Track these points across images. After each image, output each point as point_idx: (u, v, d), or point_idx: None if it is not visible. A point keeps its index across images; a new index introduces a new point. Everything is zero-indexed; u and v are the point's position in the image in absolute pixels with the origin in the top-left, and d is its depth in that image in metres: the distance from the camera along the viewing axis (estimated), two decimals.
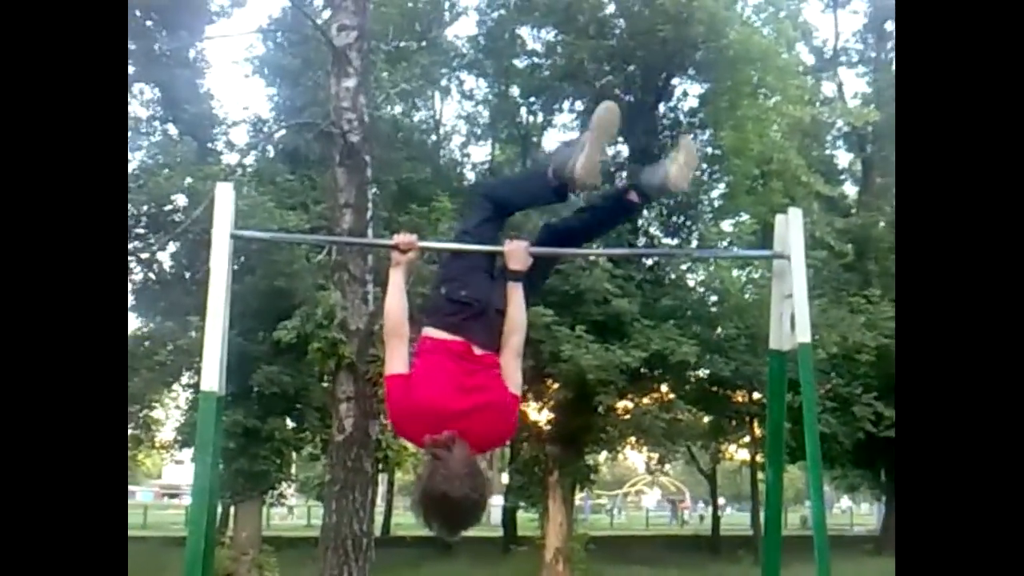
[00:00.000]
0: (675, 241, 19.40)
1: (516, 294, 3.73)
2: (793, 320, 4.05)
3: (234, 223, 3.97)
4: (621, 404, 18.61)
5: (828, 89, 25.77)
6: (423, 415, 3.43)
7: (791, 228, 4.15)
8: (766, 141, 17.85)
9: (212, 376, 3.76)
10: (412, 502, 3.40)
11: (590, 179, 3.93)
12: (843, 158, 28.01)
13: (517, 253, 3.77)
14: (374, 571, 9.06)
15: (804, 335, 4.00)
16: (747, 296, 18.07)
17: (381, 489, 20.47)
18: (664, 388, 19.44)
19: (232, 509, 18.34)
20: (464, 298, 3.73)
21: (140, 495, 62.21)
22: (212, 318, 3.81)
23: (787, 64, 18.93)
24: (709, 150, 19.57)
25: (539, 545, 18.12)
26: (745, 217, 18.42)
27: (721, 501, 37.61)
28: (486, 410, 3.49)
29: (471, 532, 3.66)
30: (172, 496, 60.04)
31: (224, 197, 3.95)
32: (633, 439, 20.66)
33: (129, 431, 22.11)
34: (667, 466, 34.89)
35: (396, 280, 3.73)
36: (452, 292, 3.78)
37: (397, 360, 3.56)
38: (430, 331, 3.70)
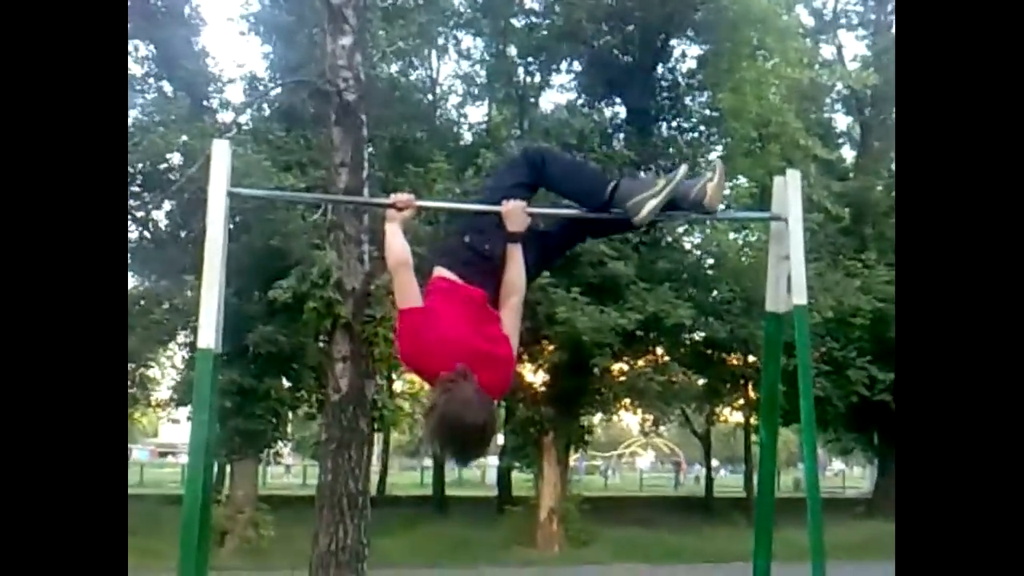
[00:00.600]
0: None
1: (515, 255, 3.71)
2: (789, 282, 4.05)
3: (230, 181, 3.95)
4: (616, 366, 18.69)
5: (827, 52, 25.63)
6: (440, 349, 3.41)
7: (789, 190, 4.14)
8: (765, 103, 17.76)
9: (209, 334, 3.75)
10: (427, 431, 3.41)
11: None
12: (841, 121, 27.93)
13: (515, 214, 3.75)
14: (369, 529, 9.12)
15: (800, 297, 4.00)
16: (743, 259, 18.10)
17: (377, 449, 20.57)
18: (659, 351, 19.53)
19: (228, 468, 18.44)
20: (486, 252, 3.73)
21: (136, 453, 62.47)
22: (208, 275, 3.79)
23: (787, 26, 18.80)
24: (707, 112, 19.50)
25: (533, 505, 18.27)
26: (742, 180, 18.38)
27: (715, 463, 37.83)
28: (493, 362, 3.49)
29: (466, 492, 3.70)
30: (168, 455, 60.26)
31: (220, 154, 3.92)
32: (628, 401, 20.76)
33: None
34: (661, 428, 35.09)
35: (393, 229, 3.72)
36: (476, 243, 3.77)
37: (411, 293, 3.54)
38: (445, 272, 3.71)
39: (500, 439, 26.43)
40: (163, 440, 64.06)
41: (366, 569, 8.99)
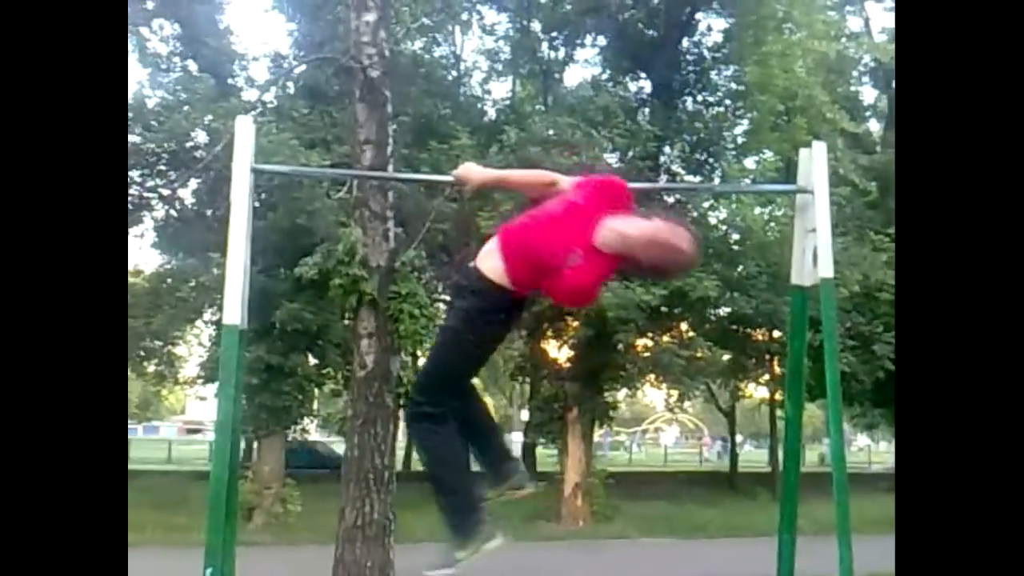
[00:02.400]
0: (697, 178, 19.26)
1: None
2: (816, 255, 4.03)
3: (254, 157, 3.96)
4: (641, 342, 18.66)
5: (855, 24, 25.31)
6: None
7: (815, 162, 4.11)
8: (791, 77, 17.60)
9: (234, 310, 3.78)
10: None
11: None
12: (868, 94, 27.62)
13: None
14: (394, 504, 9.17)
15: (827, 270, 3.98)
16: (769, 234, 17.97)
17: (402, 425, 20.67)
18: (684, 326, 19.46)
19: (255, 444, 18.60)
20: None
21: (164, 430, 63.16)
22: (234, 252, 3.81)
23: None
24: (733, 85, 19.35)
25: (558, 480, 18.32)
26: (768, 154, 18.25)
27: (739, 438, 37.79)
28: None
29: None
30: (195, 431, 60.83)
31: (244, 131, 3.93)
32: (652, 376, 20.72)
33: (153, 367, 22.45)
34: (686, 404, 35.07)
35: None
36: None
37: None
38: None
39: (524, 415, 26.38)
40: (190, 417, 64.66)
41: (392, 543, 9.05)
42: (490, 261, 3.53)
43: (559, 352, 19.28)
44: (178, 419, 67.41)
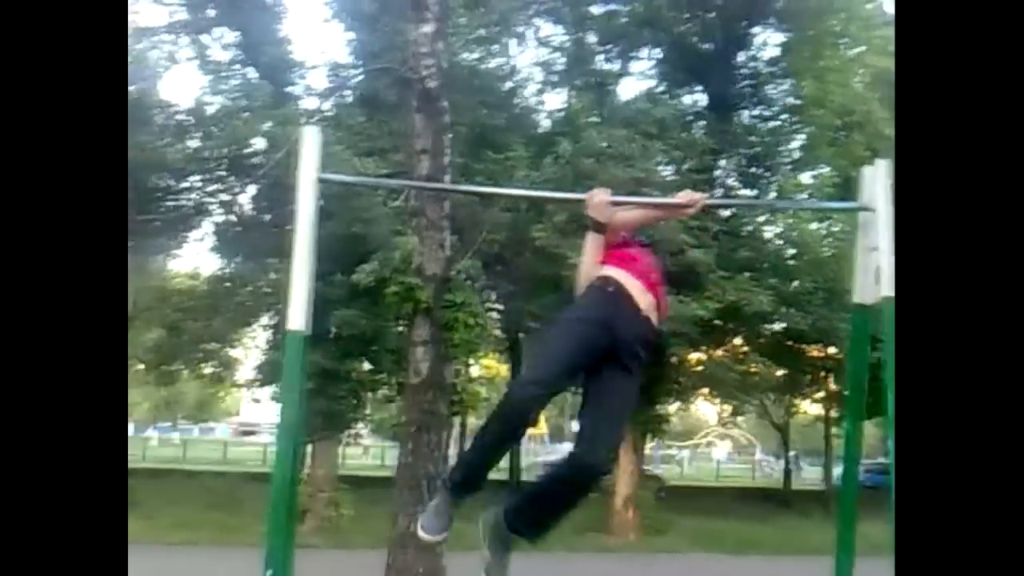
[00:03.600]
0: (752, 192, 19.14)
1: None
2: (878, 273, 4.01)
3: (319, 167, 4.02)
4: (694, 356, 18.57)
5: None
6: None
7: (878, 180, 4.10)
8: (848, 92, 17.47)
9: (298, 316, 3.83)
10: None
11: None
12: None
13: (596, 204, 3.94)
14: None
15: (889, 288, 3.96)
16: (825, 250, 17.80)
17: (454, 432, 20.74)
18: (738, 340, 19.34)
19: (309, 448, 18.78)
20: None
21: (219, 431, 63.95)
22: (298, 260, 3.88)
23: (870, 14, 18.47)
24: (789, 100, 19.22)
25: (609, 492, 18.26)
26: (825, 169, 18.07)
27: (791, 455, 37.38)
28: None
29: None
30: (249, 433, 61.44)
31: (310, 140, 3.99)
32: (705, 390, 20.62)
33: (210, 370, 22.78)
34: (739, 418, 34.77)
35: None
36: None
37: None
38: None
39: (575, 425, 26.39)
40: (245, 419, 65.32)
41: (444, 551, 9.10)
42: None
43: None
44: (233, 420, 68.14)
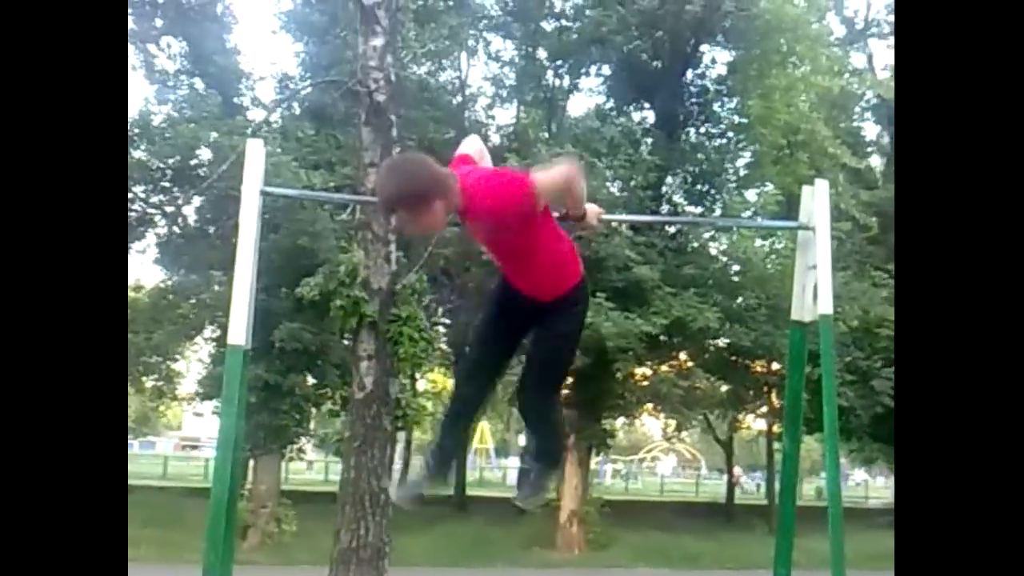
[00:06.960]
0: (698, 209, 19.32)
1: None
2: (816, 291, 4.07)
3: (263, 180, 4.00)
4: (640, 371, 18.67)
5: (858, 60, 25.45)
6: None
7: (817, 200, 4.16)
8: (794, 111, 17.70)
9: (240, 330, 3.81)
10: None
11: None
12: (871, 130, 27.71)
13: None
14: (390, 527, 9.17)
15: (826, 306, 4.02)
16: (769, 266, 18.02)
17: (399, 447, 20.65)
18: (683, 356, 19.47)
19: (252, 462, 18.56)
20: None
21: (160, 446, 62.92)
22: (240, 273, 3.85)
23: (818, 34, 18.75)
24: (736, 118, 19.44)
25: (554, 507, 18.26)
26: (770, 187, 18.31)
27: (736, 470, 37.69)
28: None
29: (486, 492, 3.75)
30: (192, 447, 60.53)
31: (254, 153, 3.98)
32: (650, 406, 20.73)
33: (151, 383, 22.43)
34: (683, 433, 34.97)
35: None
36: None
37: None
38: None
39: (522, 440, 26.35)
40: (187, 433, 64.38)
41: (387, 567, 9.04)
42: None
43: None
44: (175, 435, 67.13)
